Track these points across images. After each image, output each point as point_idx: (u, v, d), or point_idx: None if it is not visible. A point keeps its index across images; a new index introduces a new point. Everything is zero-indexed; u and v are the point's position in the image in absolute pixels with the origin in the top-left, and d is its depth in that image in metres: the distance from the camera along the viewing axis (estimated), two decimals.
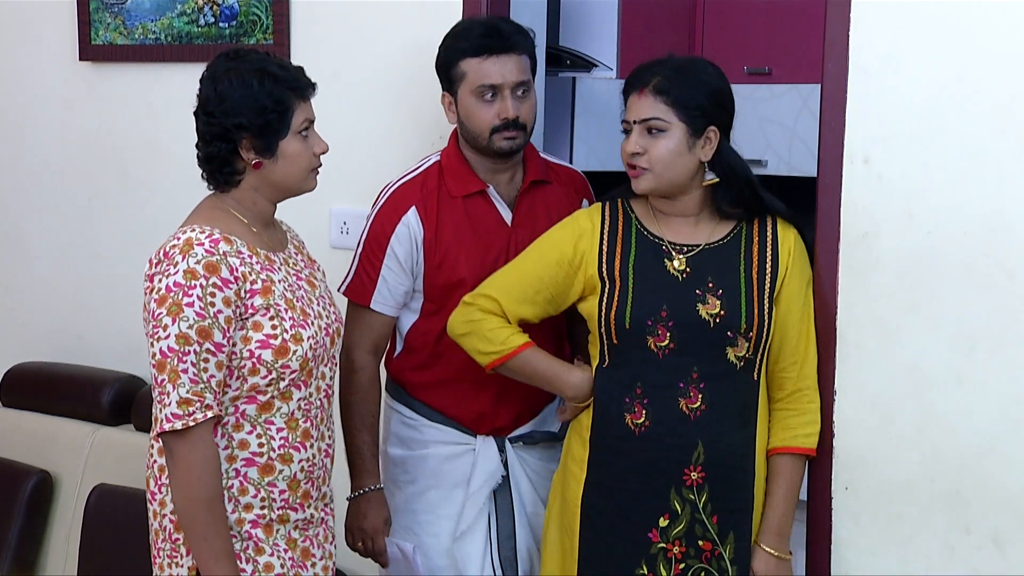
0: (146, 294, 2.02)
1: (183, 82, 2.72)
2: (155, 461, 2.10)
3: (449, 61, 2.39)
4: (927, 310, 2.21)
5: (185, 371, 1.95)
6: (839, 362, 2.28)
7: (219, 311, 1.97)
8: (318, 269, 2.25)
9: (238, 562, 2.04)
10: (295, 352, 2.04)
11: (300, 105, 2.08)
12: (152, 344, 1.98)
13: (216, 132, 2.05)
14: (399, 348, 2.50)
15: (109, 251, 3.39)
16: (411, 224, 2.39)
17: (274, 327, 2.03)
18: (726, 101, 2.18)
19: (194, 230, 2.02)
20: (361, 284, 2.43)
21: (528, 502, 2.45)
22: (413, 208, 2.40)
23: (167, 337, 1.96)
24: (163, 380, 1.97)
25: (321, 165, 2.14)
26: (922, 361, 2.22)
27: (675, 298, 2.15)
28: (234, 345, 2.01)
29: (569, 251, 2.24)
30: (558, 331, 2.44)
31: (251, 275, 2.02)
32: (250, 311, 2.02)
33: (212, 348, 1.97)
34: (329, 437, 2.19)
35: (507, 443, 2.44)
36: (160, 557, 2.09)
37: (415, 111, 2.89)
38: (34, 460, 3.24)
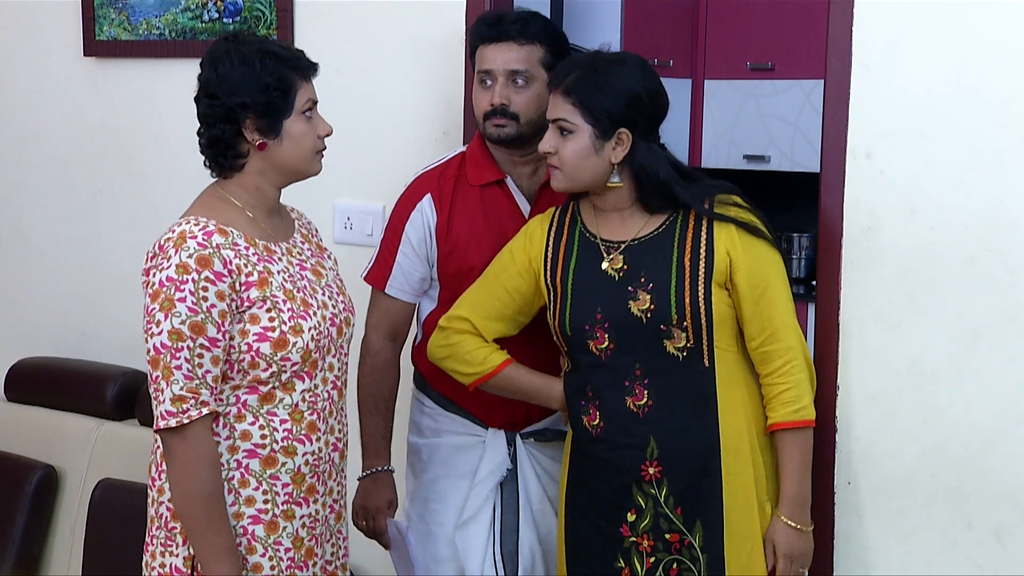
0: (143, 288, 2.00)
1: (187, 77, 2.71)
2: (158, 447, 2.08)
3: (471, 51, 2.43)
4: (929, 305, 2.21)
5: (179, 367, 1.93)
6: (841, 357, 2.28)
7: (212, 305, 1.95)
8: (328, 257, 2.23)
9: None
10: (295, 344, 2.01)
11: (303, 85, 2.05)
12: (147, 340, 1.96)
13: (219, 114, 2.03)
14: (419, 337, 2.54)
15: (113, 246, 3.40)
16: (425, 211, 2.43)
17: (271, 319, 2.00)
18: (642, 104, 2.13)
19: (188, 222, 2.00)
20: (379, 269, 2.47)
21: (535, 499, 2.46)
22: (428, 195, 2.43)
23: (160, 333, 1.93)
24: (157, 376, 1.95)
25: (325, 148, 2.11)
26: (924, 356, 2.23)
27: (609, 299, 2.16)
28: (232, 339, 1.99)
29: (523, 260, 2.27)
30: (544, 339, 2.43)
31: (246, 267, 2.00)
32: (246, 304, 1.99)
33: (206, 343, 1.95)
34: (339, 431, 2.15)
35: (518, 438, 2.45)
36: (153, 545, 2.07)
37: (418, 106, 2.89)
38: (39, 455, 3.24)
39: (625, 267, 2.17)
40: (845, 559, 2.32)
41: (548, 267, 2.24)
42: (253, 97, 2.00)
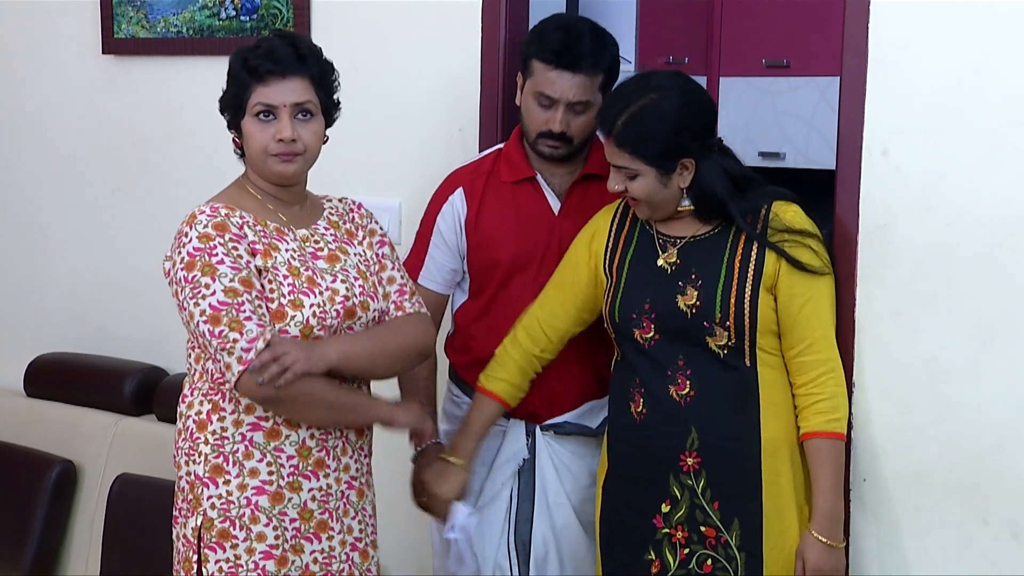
0: (168, 274, 2.06)
1: (204, 75, 2.75)
2: (182, 414, 2.14)
3: (526, 52, 2.41)
4: (945, 301, 2.21)
5: (248, 319, 1.98)
6: (857, 354, 2.28)
7: (248, 261, 2.03)
8: (359, 243, 2.22)
9: (232, 528, 2.06)
10: (293, 318, 2.04)
11: (258, 88, 2.07)
12: (194, 304, 1.98)
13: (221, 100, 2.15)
14: (452, 328, 2.59)
15: (131, 242, 3.42)
16: (456, 204, 2.48)
17: (271, 291, 2.04)
18: (692, 129, 2.15)
19: (198, 207, 2.08)
20: (412, 260, 2.53)
21: (551, 491, 2.47)
22: (460, 189, 2.48)
23: (213, 294, 1.98)
24: (222, 331, 1.97)
25: (288, 152, 2.08)
26: (940, 353, 2.23)
27: (658, 291, 2.20)
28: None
29: (585, 252, 2.32)
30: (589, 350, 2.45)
31: (252, 236, 2.06)
32: None
33: (258, 294, 2.02)
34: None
35: (537, 429, 2.47)
36: (180, 516, 2.14)
37: (434, 104, 2.90)
38: (58, 450, 3.26)
39: (678, 262, 2.21)
40: (860, 556, 2.32)
41: (608, 255, 2.29)
42: (223, 96, 2.11)
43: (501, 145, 2.55)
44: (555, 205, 2.45)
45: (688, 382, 2.18)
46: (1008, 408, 2.18)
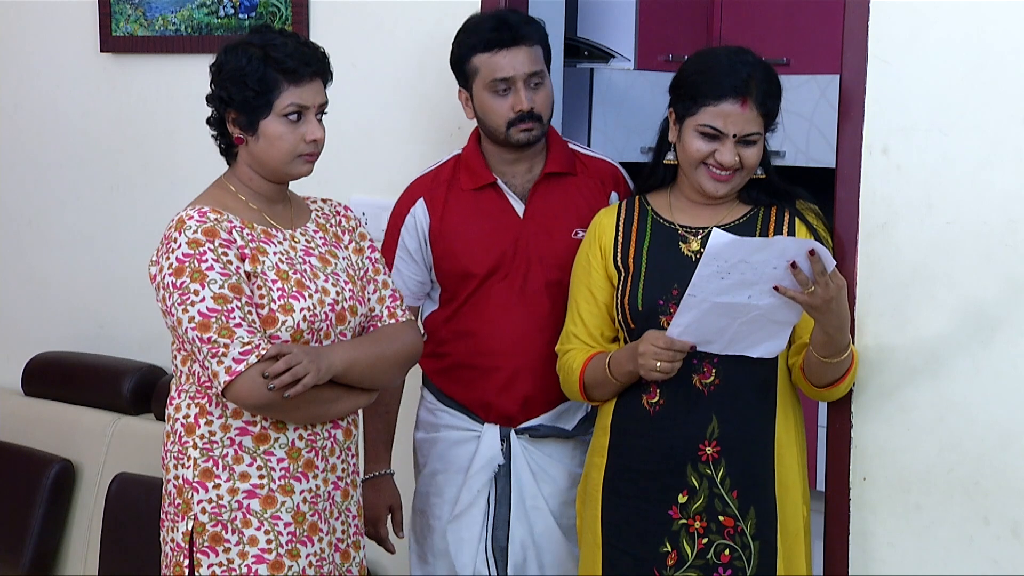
0: (155, 279, 2.05)
1: (203, 73, 2.71)
2: (170, 416, 2.13)
3: (461, 57, 2.40)
4: (945, 300, 2.21)
5: (239, 325, 1.98)
6: (857, 352, 2.27)
7: (237, 267, 2.02)
8: (345, 247, 2.22)
9: (224, 532, 2.06)
10: (284, 322, 2.04)
11: (289, 88, 2.06)
12: (182, 311, 1.98)
13: (213, 100, 2.12)
14: (424, 337, 2.54)
15: (130, 241, 3.41)
16: (418, 215, 2.46)
17: (261, 297, 2.04)
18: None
19: (184, 211, 2.07)
20: None
21: (528, 495, 2.46)
22: (421, 200, 2.46)
23: (202, 300, 1.98)
24: (210, 338, 1.97)
25: (314, 152, 2.11)
26: (940, 351, 2.22)
27: (685, 276, 2.15)
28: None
29: (598, 253, 2.28)
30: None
31: (240, 241, 2.05)
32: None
33: (248, 300, 2.01)
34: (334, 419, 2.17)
35: (512, 434, 2.45)
36: (167, 520, 2.14)
37: (433, 102, 2.89)
38: (56, 449, 3.26)
39: (703, 251, 2.17)
40: (861, 555, 2.32)
41: (619, 249, 2.25)
42: (231, 93, 2.07)
43: (458, 151, 2.52)
44: (519, 208, 2.43)
45: (714, 370, 2.16)
46: (1009, 406, 2.18)
